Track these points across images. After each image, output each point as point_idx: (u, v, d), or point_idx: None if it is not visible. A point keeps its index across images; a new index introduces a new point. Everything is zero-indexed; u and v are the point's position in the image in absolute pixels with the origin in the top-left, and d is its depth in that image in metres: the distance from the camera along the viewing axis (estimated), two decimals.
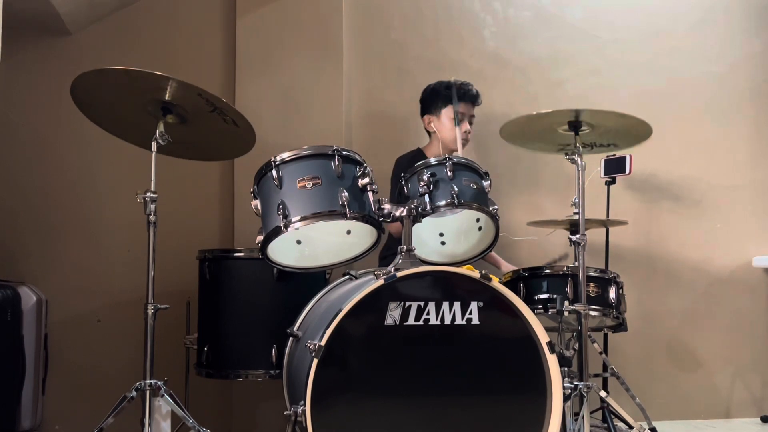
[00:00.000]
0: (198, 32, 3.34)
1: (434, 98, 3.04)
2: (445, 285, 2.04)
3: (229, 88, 3.25)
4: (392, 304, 1.96)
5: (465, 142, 3.01)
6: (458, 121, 2.96)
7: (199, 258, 2.64)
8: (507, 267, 3.16)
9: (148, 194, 2.24)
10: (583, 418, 2.32)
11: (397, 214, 2.16)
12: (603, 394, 2.74)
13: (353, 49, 3.41)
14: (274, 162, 2.17)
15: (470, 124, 3.04)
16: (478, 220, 2.32)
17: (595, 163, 3.15)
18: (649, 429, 2.93)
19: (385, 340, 1.97)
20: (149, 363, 2.21)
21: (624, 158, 3.14)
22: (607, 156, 3.14)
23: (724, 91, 3.65)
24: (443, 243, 2.38)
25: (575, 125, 2.49)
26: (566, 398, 2.13)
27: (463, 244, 2.40)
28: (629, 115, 2.45)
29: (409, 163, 2.83)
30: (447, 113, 3.01)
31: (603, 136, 2.62)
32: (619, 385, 2.97)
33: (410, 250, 2.13)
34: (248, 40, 3.26)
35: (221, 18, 3.34)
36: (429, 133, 3.11)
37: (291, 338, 2.27)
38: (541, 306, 2.69)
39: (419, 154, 3.05)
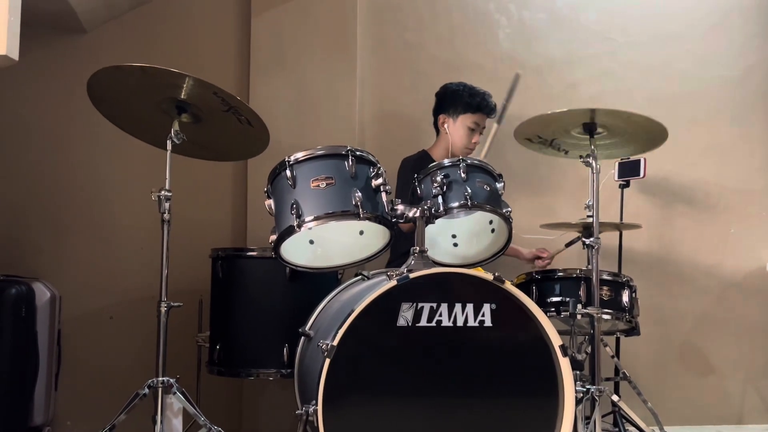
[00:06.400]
0: (213, 32, 3.35)
1: (454, 101, 3.00)
2: (457, 287, 2.04)
3: (243, 87, 3.26)
4: (405, 305, 1.97)
5: (470, 151, 3.01)
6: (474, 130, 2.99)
7: (211, 256, 2.65)
8: (530, 252, 3.16)
9: (163, 192, 2.25)
10: (594, 422, 2.31)
11: (410, 215, 2.16)
12: (615, 398, 2.74)
13: (367, 50, 3.41)
14: (288, 162, 2.17)
15: (480, 134, 3.04)
16: (491, 222, 2.31)
17: (609, 165, 3.14)
18: None
19: (398, 341, 1.97)
20: (161, 360, 2.23)
21: (638, 161, 3.12)
22: (622, 159, 3.12)
23: (739, 94, 3.62)
24: (456, 245, 2.37)
25: (590, 128, 2.48)
26: (578, 402, 2.13)
27: (476, 246, 2.39)
28: (645, 116, 2.43)
29: (415, 164, 2.83)
30: (464, 121, 2.98)
31: (617, 142, 2.60)
32: (630, 390, 2.95)
33: (423, 251, 2.13)
34: (263, 40, 3.27)
35: (236, 18, 3.35)
36: (437, 131, 3.10)
37: (303, 338, 2.27)
38: (553, 309, 2.69)
39: (425, 155, 3.04)
